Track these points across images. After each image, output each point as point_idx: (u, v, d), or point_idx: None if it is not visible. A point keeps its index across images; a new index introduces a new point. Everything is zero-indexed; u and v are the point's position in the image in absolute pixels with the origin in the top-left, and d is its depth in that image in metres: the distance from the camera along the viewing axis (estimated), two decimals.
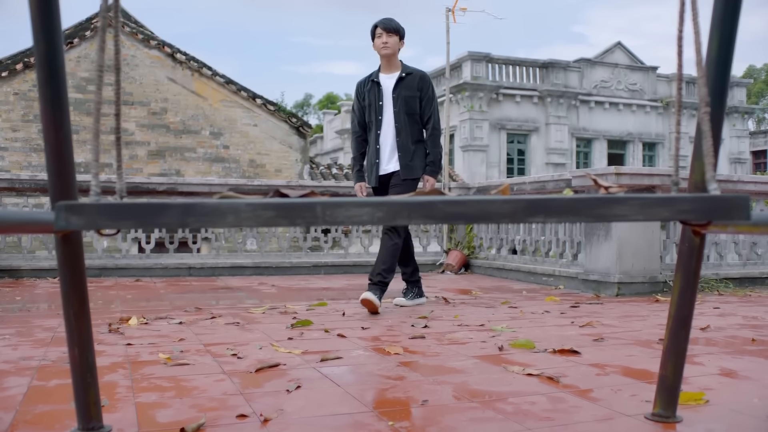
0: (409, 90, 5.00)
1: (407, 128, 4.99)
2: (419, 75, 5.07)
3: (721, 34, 1.54)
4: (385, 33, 4.95)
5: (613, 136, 27.74)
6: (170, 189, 8.10)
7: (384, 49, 4.96)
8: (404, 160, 4.97)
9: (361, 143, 5.17)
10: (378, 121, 5.03)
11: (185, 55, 16.48)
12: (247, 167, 16.81)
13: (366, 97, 5.10)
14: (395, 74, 5.05)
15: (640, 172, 6.26)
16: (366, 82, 5.15)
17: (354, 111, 5.21)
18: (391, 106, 4.99)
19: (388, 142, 5.01)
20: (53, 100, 1.30)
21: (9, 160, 15.17)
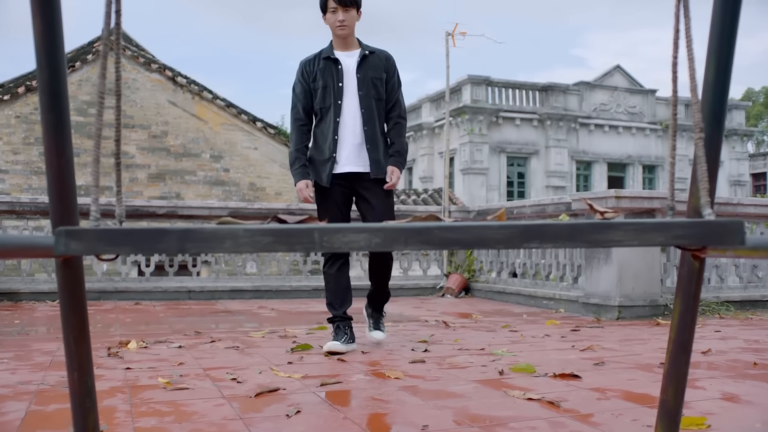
0: (375, 70, 4.13)
1: (374, 115, 4.09)
2: (384, 55, 4.21)
3: (718, 59, 1.56)
4: (341, 8, 3.99)
5: (612, 158, 27.81)
6: (170, 212, 8.12)
7: (340, 29, 4.03)
8: (374, 154, 4.06)
9: (305, 134, 4.18)
10: (337, 106, 4.06)
11: (186, 78, 16.57)
12: (247, 190, 16.84)
13: (319, 78, 4.10)
14: (356, 52, 4.14)
15: (640, 195, 6.28)
16: (316, 59, 4.16)
17: (296, 94, 4.20)
18: (354, 89, 4.07)
19: (351, 132, 4.07)
20: (56, 126, 1.31)
21: (9, 183, 15.21)
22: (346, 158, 4.05)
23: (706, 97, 1.48)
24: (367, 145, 4.04)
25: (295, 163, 4.12)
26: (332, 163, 4.04)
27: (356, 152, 4.05)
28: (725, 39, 1.43)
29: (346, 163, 4.05)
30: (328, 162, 4.05)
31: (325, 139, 4.08)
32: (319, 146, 4.13)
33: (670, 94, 1.27)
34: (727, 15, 1.42)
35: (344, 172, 4.05)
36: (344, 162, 4.05)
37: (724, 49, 1.44)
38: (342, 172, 4.05)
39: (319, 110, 4.12)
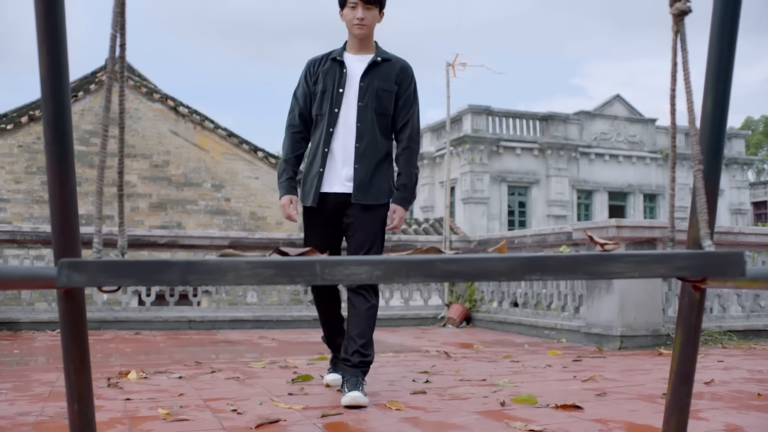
0: (384, 81, 3.55)
1: (373, 132, 3.51)
2: (400, 64, 3.62)
3: (716, 91, 1.57)
4: (361, 4, 3.46)
5: (613, 187, 27.88)
6: (171, 242, 8.12)
7: (358, 28, 3.50)
8: (361, 175, 3.46)
9: (298, 143, 3.65)
10: (333, 114, 3.51)
11: (188, 108, 16.67)
12: (248, 220, 16.86)
13: (320, 81, 3.59)
14: (369, 56, 3.59)
15: (641, 225, 6.28)
16: (323, 60, 3.65)
17: (296, 98, 3.69)
18: (354, 98, 3.52)
19: (342, 146, 3.51)
20: (60, 158, 1.32)
21: (11, 212, 15.23)
22: (335, 176, 3.50)
23: (705, 130, 1.50)
24: (356, 164, 3.47)
25: (282, 175, 3.63)
26: (319, 179, 3.50)
27: (344, 170, 3.49)
28: (722, 72, 1.44)
29: (335, 181, 3.50)
30: (315, 178, 3.53)
31: (315, 151, 3.60)
32: (309, 159, 3.66)
33: (669, 123, 1.28)
34: (723, 48, 1.44)
35: (332, 192, 3.51)
36: (333, 180, 3.50)
37: (721, 82, 1.46)
38: (330, 192, 3.51)
39: (316, 117, 3.62)
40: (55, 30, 1.18)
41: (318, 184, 3.50)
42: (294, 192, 3.61)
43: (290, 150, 3.65)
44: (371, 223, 3.51)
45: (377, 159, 3.52)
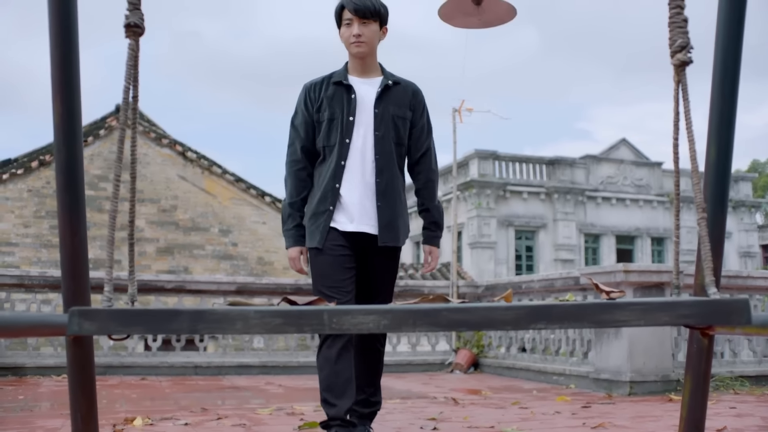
0: (398, 107, 3.19)
1: (392, 165, 3.16)
2: (412, 88, 3.28)
3: (719, 140, 1.59)
4: (357, 20, 3.08)
5: (621, 231, 27.82)
6: (178, 287, 8.12)
7: (356, 46, 3.12)
8: (386, 214, 3.12)
9: (303, 181, 3.23)
10: (344, 145, 3.11)
11: (196, 153, 16.81)
12: (255, 265, 16.87)
13: (326, 107, 3.16)
14: (377, 79, 3.22)
15: (648, 269, 6.26)
16: (324, 84, 3.21)
17: (294, 128, 3.26)
18: (370, 127, 3.13)
19: (358, 182, 3.12)
20: (71, 206, 1.34)
21: (19, 256, 15.29)
22: (351, 214, 3.13)
23: (709, 177, 1.51)
24: (378, 202, 3.11)
25: (288, 221, 3.23)
26: (327, 218, 3.11)
27: (364, 209, 3.13)
28: (725, 121, 1.47)
29: (348, 220, 3.13)
30: (323, 216, 3.12)
31: (323, 185, 3.15)
32: (315, 195, 3.19)
33: (674, 171, 1.29)
34: (725, 97, 1.46)
35: (349, 231, 3.13)
36: (349, 218, 3.13)
37: (724, 130, 1.48)
38: (347, 231, 3.13)
39: (322, 149, 3.18)
40: (70, 82, 1.22)
41: (326, 222, 3.11)
42: (303, 242, 3.21)
43: (295, 191, 3.22)
44: (393, 268, 3.28)
45: (398, 196, 3.19)
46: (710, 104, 1.60)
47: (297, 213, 3.24)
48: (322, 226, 3.12)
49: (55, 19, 1.22)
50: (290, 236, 3.25)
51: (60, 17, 1.21)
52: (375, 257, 3.20)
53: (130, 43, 1.13)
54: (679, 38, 1.21)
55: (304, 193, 3.24)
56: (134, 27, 1.13)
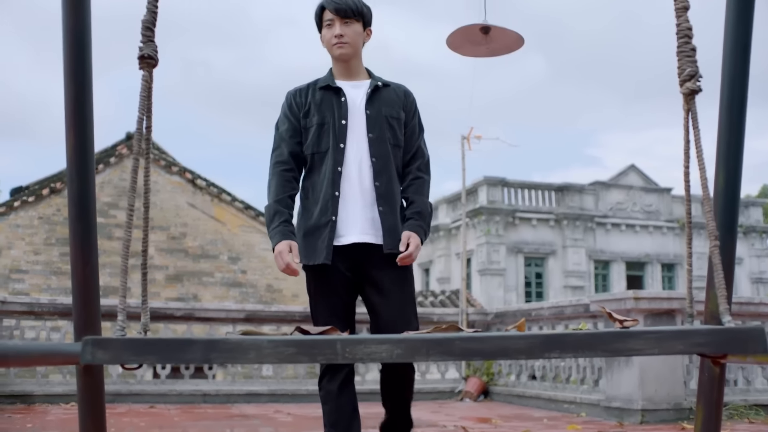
0: (390, 107, 3.04)
1: (390, 167, 2.98)
2: (402, 89, 3.14)
3: (727, 167, 1.59)
4: (338, 20, 2.94)
5: (630, 257, 27.70)
6: (187, 314, 8.12)
7: (338, 47, 2.96)
8: (390, 219, 2.90)
9: (289, 182, 2.98)
10: (338, 151, 2.92)
11: (205, 180, 16.88)
12: (264, 292, 16.85)
13: (314, 112, 2.99)
14: (364, 82, 3.07)
15: (659, 296, 6.23)
16: (309, 90, 3.05)
17: (279, 134, 3.05)
18: (363, 129, 2.97)
19: (357, 187, 2.93)
20: (83, 236, 1.35)
21: (29, 283, 15.33)
22: (351, 224, 2.89)
23: (717, 205, 1.51)
24: (380, 206, 2.89)
25: (275, 218, 2.89)
26: (331, 230, 2.85)
27: (364, 216, 2.90)
28: (732, 149, 1.47)
29: (351, 230, 2.88)
30: (326, 228, 2.86)
31: (320, 196, 2.91)
32: (310, 208, 2.96)
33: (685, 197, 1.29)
34: (732, 125, 1.47)
35: (349, 243, 2.87)
36: (348, 229, 2.88)
37: (732, 158, 1.48)
38: (345, 244, 2.87)
39: (311, 156, 2.98)
40: (83, 116, 1.23)
41: (330, 235, 2.84)
42: (293, 238, 2.86)
43: (281, 189, 2.94)
44: (408, 278, 2.96)
45: (398, 200, 2.99)
46: (718, 132, 1.61)
47: (284, 210, 2.91)
48: (327, 239, 2.84)
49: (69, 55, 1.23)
50: (278, 232, 2.85)
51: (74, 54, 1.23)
52: (383, 270, 2.87)
53: (143, 75, 1.14)
54: (688, 67, 1.22)
55: (292, 192, 2.97)
56: (148, 59, 1.15)
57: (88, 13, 1.25)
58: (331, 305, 2.92)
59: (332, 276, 2.87)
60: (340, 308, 2.93)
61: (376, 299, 2.90)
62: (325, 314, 2.92)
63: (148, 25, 1.17)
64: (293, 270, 2.80)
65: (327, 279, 2.88)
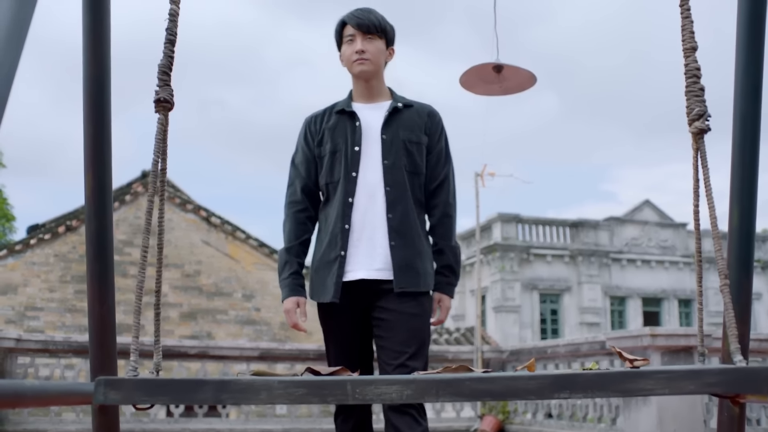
0: (410, 131, 2.77)
1: (406, 197, 2.71)
2: (426, 110, 2.86)
3: (741, 204, 1.59)
4: (360, 35, 2.74)
5: (647, 293, 27.48)
6: (201, 352, 8.11)
7: (359, 64, 2.75)
8: (401, 254, 2.65)
9: (303, 224, 2.80)
10: (350, 179, 2.71)
11: (220, 218, 16.97)
12: (278, 330, 16.81)
13: (327, 139, 2.78)
14: (384, 104, 2.82)
15: (676, 333, 6.17)
16: (326, 115, 2.85)
17: (294, 166, 2.87)
18: (377, 156, 2.72)
19: (368, 219, 2.69)
20: (100, 276, 1.37)
21: (44, 320, 15.38)
22: (360, 259, 2.67)
23: (732, 242, 1.51)
24: (392, 240, 2.65)
25: (284, 269, 2.77)
26: (339, 266, 2.66)
27: (375, 251, 2.67)
28: (746, 186, 1.47)
29: (361, 265, 2.67)
30: (334, 264, 2.67)
31: (330, 229, 2.72)
32: (322, 240, 2.77)
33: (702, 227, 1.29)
34: (746, 163, 1.47)
35: (357, 279, 2.66)
36: (358, 264, 2.67)
37: (746, 195, 1.48)
38: (353, 280, 2.66)
39: (325, 186, 2.78)
40: (101, 158, 1.26)
41: (338, 272, 2.64)
42: (301, 292, 2.74)
43: (293, 235, 2.78)
44: (416, 317, 2.66)
45: (416, 233, 2.71)
46: (731, 168, 1.61)
47: (295, 260, 2.77)
48: (336, 276, 2.64)
49: (89, 97, 1.26)
50: (285, 286, 2.75)
51: (94, 96, 1.26)
52: (392, 306, 2.64)
53: (159, 118, 1.17)
54: (697, 107, 1.23)
55: (304, 237, 2.80)
56: (164, 102, 1.17)
57: (108, 57, 1.28)
58: (341, 344, 2.75)
59: (341, 314, 2.69)
60: (350, 347, 2.74)
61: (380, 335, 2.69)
62: (335, 353, 2.77)
63: (164, 69, 1.20)
64: (301, 329, 2.72)
65: (336, 317, 2.70)
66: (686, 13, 1.29)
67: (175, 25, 1.23)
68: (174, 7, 1.24)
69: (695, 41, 1.32)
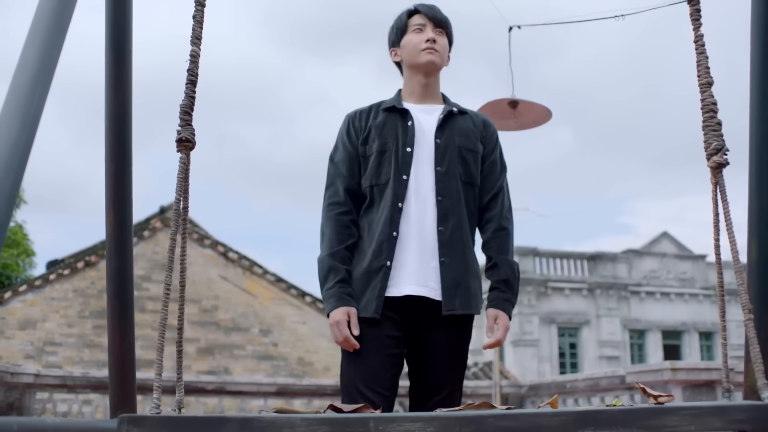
0: (465, 138, 2.53)
1: (460, 209, 2.45)
2: (481, 118, 2.67)
3: (760, 236, 1.58)
4: (432, 26, 2.54)
5: (667, 326, 27.17)
6: (219, 388, 8.10)
7: (429, 53, 2.51)
8: (452, 272, 2.38)
9: (347, 228, 2.48)
10: (400, 183, 2.43)
11: (237, 253, 17.03)
12: (296, 365, 16.75)
13: (375, 137, 2.51)
14: (438, 107, 2.58)
15: (697, 367, 6.10)
16: (372, 112, 2.59)
17: (334, 164, 2.57)
18: (429, 161, 2.47)
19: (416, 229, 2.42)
20: (120, 313, 1.38)
21: (62, 356, 15.42)
22: (407, 272, 2.38)
23: (752, 276, 1.50)
24: (442, 257, 2.38)
25: (330, 276, 2.41)
26: (384, 277, 2.36)
27: (423, 265, 2.39)
28: (764, 220, 1.46)
29: (407, 279, 2.37)
30: (378, 275, 2.37)
31: (374, 235, 2.42)
32: (364, 249, 2.45)
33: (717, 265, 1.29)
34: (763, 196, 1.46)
35: (403, 295, 2.36)
36: (404, 278, 2.37)
37: (764, 228, 1.47)
38: (399, 296, 2.36)
39: (369, 189, 2.49)
40: (122, 197, 1.27)
41: (382, 284, 2.35)
42: (351, 302, 2.36)
43: (336, 239, 2.44)
44: (461, 348, 2.46)
45: (468, 249, 2.45)
46: (748, 202, 1.60)
47: (342, 266, 2.40)
48: (378, 288, 2.35)
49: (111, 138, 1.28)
50: (332, 295, 2.38)
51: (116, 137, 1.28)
52: (437, 332, 2.38)
53: (181, 157, 1.18)
54: (714, 141, 1.23)
55: (349, 242, 2.45)
56: (186, 142, 1.19)
57: (130, 99, 1.31)
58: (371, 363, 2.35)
59: (379, 332, 2.34)
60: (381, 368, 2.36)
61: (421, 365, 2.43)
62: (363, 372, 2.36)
63: (186, 109, 1.22)
64: (352, 344, 2.32)
65: (372, 335, 2.33)
66: (701, 49, 1.30)
67: (196, 66, 1.25)
68: (195, 49, 1.26)
69: (711, 76, 1.33)
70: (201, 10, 1.26)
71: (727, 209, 1.22)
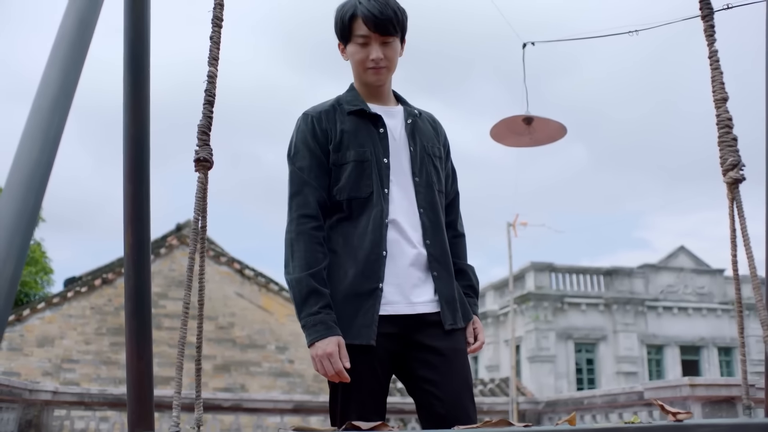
0: (431, 143, 2.41)
1: (439, 221, 2.34)
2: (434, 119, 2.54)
3: None
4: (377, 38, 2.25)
5: (685, 342, 26.90)
6: (235, 405, 8.10)
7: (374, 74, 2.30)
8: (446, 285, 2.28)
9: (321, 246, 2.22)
10: (383, 198, 2.26)
11: (253, 270, 17.06)
12: (312, 382, 16.72)
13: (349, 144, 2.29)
14: (396, 109, 2.42)
15: (717, 383, 6.02)
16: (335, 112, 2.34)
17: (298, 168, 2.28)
18: (405, 171, 2.32)
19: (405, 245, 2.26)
20: (138, 332, 1.39)
21: (79, 373, 15.47)
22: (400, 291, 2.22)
23: None
24: (434, 271, 2.27)
25: (310, 300, 2.14)
26: (376, 301, 2.18)
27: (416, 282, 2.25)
28: None
29: (400, 298, 2.22)
30: (369, 299, 2.18)
31: (358, 254, 2.22)
32: (344, 266, 2.23)
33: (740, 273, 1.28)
34: None
35: (396, 314, 2.20)
36: (395, 297, 2.21)
37: None
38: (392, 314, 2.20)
39: (347, 202, 2.27)
40: (141, 216, 1.29)
41: (377, 308, 2.17)
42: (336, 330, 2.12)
43: (314, 258, 2.18)
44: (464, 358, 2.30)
45: (450, 259, 2.35)
46: (766, 217, 1.60)
47: (324, 289, 2.16)
48: (371, 313, 2.16)
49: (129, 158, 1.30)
50: (318, 322, 2.11)
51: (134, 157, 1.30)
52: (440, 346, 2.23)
53: (199, 177, 1.19)
54: (730, 156, 1.23)
55: (325, 262, 2.21)
56: (203, 161, 1.20)
57: (148, 121, 1.32)
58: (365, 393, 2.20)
59: (372, 357, 2.17)
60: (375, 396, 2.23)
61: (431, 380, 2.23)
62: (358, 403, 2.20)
63: (204, 129, 1.23)
64: (345, 377, 2.10)
65: (364, 361, 2.15)
66: (715, 65, 1.30)
67: (213, 86, 1.27)
68: (212, 70, 1.28)
69: (725, 92, 1.33)
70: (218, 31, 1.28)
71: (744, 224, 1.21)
